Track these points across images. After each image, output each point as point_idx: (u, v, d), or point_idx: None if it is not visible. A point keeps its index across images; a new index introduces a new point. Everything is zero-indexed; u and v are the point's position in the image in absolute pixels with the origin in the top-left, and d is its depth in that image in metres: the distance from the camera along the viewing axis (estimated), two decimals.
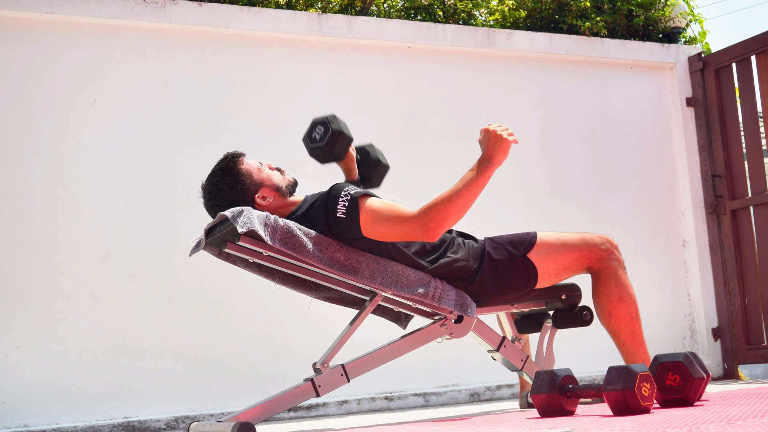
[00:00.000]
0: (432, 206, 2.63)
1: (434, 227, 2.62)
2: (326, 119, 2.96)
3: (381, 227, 2.65)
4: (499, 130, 2.70)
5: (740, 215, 4.99)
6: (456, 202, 2.63)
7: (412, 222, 2.63)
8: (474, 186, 2.66)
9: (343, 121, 2.99)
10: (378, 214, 2.65)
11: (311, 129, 2.98)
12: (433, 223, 2.61)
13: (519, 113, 4.87)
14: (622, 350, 2.97)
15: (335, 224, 2.67)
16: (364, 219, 2.65)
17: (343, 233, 2.68)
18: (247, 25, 4.28)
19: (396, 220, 2.65)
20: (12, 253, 3.81)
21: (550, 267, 2.94)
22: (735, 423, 1.86)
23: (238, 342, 4.10)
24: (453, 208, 2.63)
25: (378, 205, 2.67)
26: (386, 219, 2.65)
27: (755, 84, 4.94)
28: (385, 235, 2.67)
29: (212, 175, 2.79)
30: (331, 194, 2.70)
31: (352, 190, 2.69)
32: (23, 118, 3.91)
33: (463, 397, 4.41)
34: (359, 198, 2.67)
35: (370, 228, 2.66)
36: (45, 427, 3.70)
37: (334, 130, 2.93)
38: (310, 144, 2.97)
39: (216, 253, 2.77)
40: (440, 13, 5.01)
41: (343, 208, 2.65)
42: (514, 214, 4.66)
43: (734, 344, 4.95)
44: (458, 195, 2.64)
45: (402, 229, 2.65)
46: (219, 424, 2.48)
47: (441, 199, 2.64)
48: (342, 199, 2.67)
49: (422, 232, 2.62)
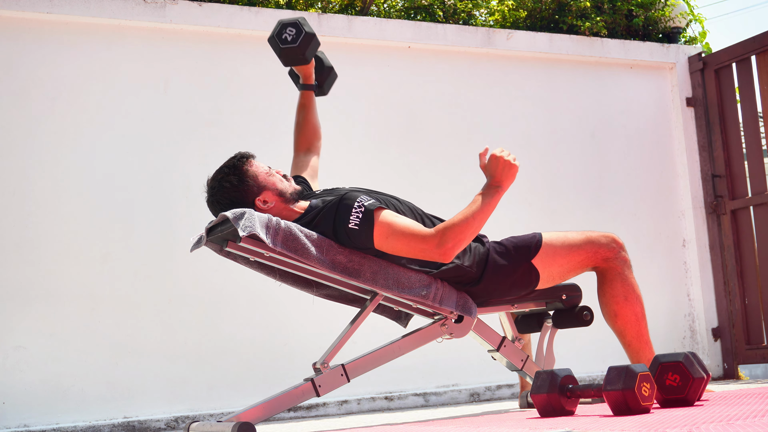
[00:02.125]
0: (449, 227, 2.65)
1: (451, 248, 2.64)
2: (297, 21, 2.99)
3: (395, 242, 2.65)
4: (506, 155, 2.73)
5: (740, 215, 4.99)
6: (471, 224, 2.66)
7: (429, 241, 2.64)
8: (486, 210, 2.69)
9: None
10: (393, 229, 2.65)
11: (280, 30, 2.99)
12: (450, 243, 2.64)
13: (519, 113, 4.87)
14: (628, 350, 2.98)
15: (345, 235, 2.65)
16: (378, 232, 2.64)
17: (352, 243, 2.67)
18: (247, 25, 4.28)
19: (412, 238, 2.65)
20: (12, 253, 3.81)
21: (554, 271, 2.95)
22: (735, 423, 1.86)
23: (238, 342, 4.10)
24: (469, 230, 2.66)
25: (393, 220, 2.66)
26: (402, 235, 2.65)
27: (755, 84, 4.94)
28: (398, 250, 2.67)
29: (219, 171, 2.79)
30: (343, 203, 2.68)
31: (365, 201, 2.67)
32: (23, 118, 3.91)
33: (463, 397, 4.41)
34: (375, 210, 2.65)
35: (383, 241, 2.65)
36: (45, 427, 3.70)
37: (307, 33, 2.97)
38: (281, 45, 2.97)
39: (217, 250, 2.77)
40: (440, 13, 5.01)
41: (356, 219, 2.64)
42: (514, 215, 4.65)
43: (734, 344, 4.95)
44: (473, 217, 2.67)
45: (417, 246, 2.65)
46: (219, 424, 2.48)
47: (458, 221, 2.66)
48: (356, 209, 2.65)
49: (438, 252, 2.64)
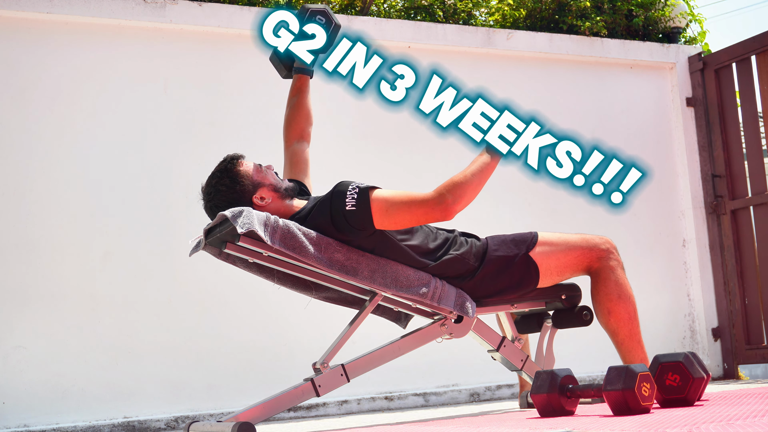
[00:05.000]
0: (448, 184, 2.66)
1: (452, 203, 2.64)
2: (324, 9, 2.90)
3: (396, 213, 2.65)
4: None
5: (740, 215, 4.99)
6: (471, 180, 2.67)
7: (429, 201, 2.64)
8: (487, 168, 2.71)
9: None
10: (390, 202, 2.65)
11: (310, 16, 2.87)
12: (450, 199, 2.63)
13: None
14: (620, 349, 2.98)
15: (343, 219, 2.64)
16: (376, 209, 2.64)
17: (352, 227, 2.65)
18: (247, 25, 4.28)
19: (411, 203, 2.65)
20: (12, 253, 3.81)
21: (551, 265, 2.95)
22: (735, 423, 1.86)
23: (238, 342, 4.10)
24: (469, 185, 2.66)
25: (388, 194, 2.67)
26: (401, 203, 2.65)
27: (755, 84, 4.94)
28: (401, 221, 2.66)
29: (211, 177, 2.79)
30: (337, 190, 2.69)
31: (359, 184, 2.69)
32: (23, 117, 3.91)
33: (463, 397, 4.41)
34: (368, 190, 2.67)
35: (383, 216, 2.64)
36: (45, 427, 3.70)
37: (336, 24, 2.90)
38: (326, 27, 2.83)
39: (216, 254, 2.77)
40: (440, 13, 5.01)
41: (352, 200, 2.64)
42: (514, 215, 4.65)
43: (734, 344, 4.95)
44: (473, 174, 2.68)
45: (419, 210, 2.65)
46: (219, 424, 2.48)
47: (457, 178, 2.67)
48: (350, 192, 2.66)
49: (440, 209, 2.64)
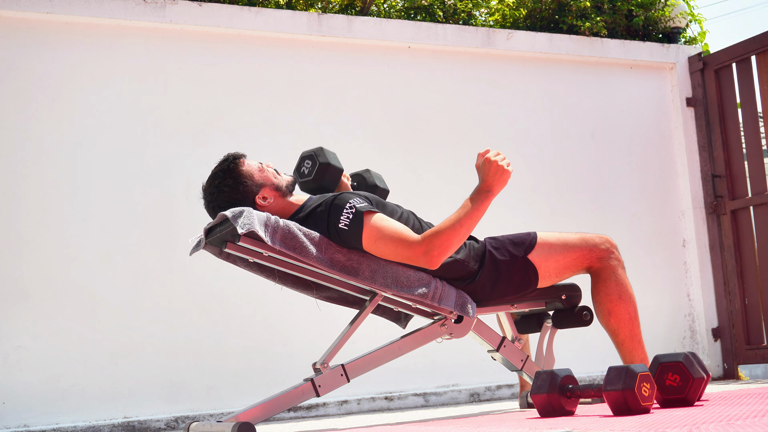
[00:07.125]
0: (436, 234, 2.68)
1: (437, 255, 2.67)
2: (313, 153, 2.97)
3: (383, 246, 2.67)
4: (499, 160, 2.75)
5: (740, 215, 4.99)
6: (459, 231, 2.69)
7: (415, 248, 2.67)
8: (475, 215, 2.72)
9: (331, 152, 2.99)
10: (381, 233, 2.67)
11: (300, 163, 3.00)
12: (436, 251, 2.67)
13: (519, 113, 4.87)
14: (621, 349, 2.98)
15: (336, 234, 2.68)
16: (366, 235, 2.66)
17: (343, 243, 2.69)
18: (247, 25, 4.28)
19: (400, 243, 2.67)
20: (11, 253, 3.81)
21: (551, 266, 2.95)
22: (735, 423, 1.86)
23: (238, 342, 4.10)
24: (456, 236, 2.69)
25: (382, 224, 2.68)
26: (390, 239, 2.67)
27: (755, 84, 4.94)
28: (386, 254, 2.70)
29: (213, 177, 2.78)
30: (335, 203, 2.70)
31: (357, 204, 2.69)
32: (23, 117, 3.91)
33: (463, 397, 4.41)
34: (364, 213, 2.67)
35: (371, 244, 2.67)
36: (45, 427, 3.70)
37: (321, 164, 2.95)
38: (300, 179, 2.98)
39: (216, 253, 2.77)
40: (440, 13, 5.01)
41: (346, 220, 2.66)
42: (514, 215, 4.65)
43: (734, 344, 4.95)
44: (461, 224, 2.70)
45: (404, 253, 2.68)
46: (219, 424, 2.48)
47: (444, 227, 2.69)
48: (346, 210, 2.67)
49: (425, 259, 2.67)
